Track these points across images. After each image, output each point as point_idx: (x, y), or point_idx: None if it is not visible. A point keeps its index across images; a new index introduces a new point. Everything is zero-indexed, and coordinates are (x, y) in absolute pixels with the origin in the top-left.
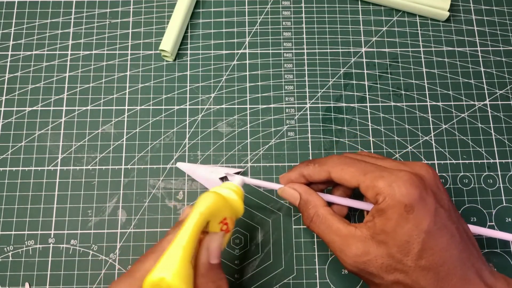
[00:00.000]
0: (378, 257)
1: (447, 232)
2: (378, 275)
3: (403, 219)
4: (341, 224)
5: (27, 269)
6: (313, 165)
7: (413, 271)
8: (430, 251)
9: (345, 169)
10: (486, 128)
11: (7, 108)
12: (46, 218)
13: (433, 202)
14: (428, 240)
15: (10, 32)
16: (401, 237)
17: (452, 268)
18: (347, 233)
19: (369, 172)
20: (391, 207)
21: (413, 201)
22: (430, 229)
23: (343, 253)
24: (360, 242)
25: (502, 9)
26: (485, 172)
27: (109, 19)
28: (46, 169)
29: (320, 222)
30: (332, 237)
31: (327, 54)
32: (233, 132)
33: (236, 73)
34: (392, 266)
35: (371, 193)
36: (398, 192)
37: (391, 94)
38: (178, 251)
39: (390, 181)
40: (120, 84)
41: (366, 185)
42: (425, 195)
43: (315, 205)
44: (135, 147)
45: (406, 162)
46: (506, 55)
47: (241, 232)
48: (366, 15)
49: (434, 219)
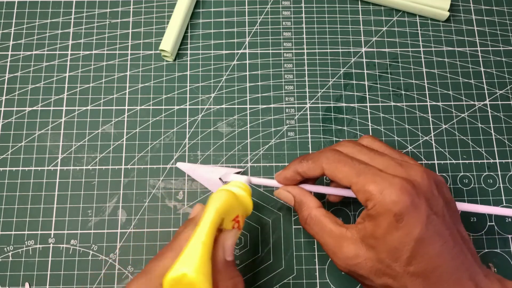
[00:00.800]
0: (368, 261)
1: (440, 239)
2: (368, 278)
3: (392, 227)
4: (334, 226)
5: (27, 269)
6: (307, 162)
7: (402, 276)
8: (420, 258)
9: (339, 168)
10: (486, 128)
11: (7, 108)
12: (46, 218)
13: (425, 209)
14: (418, 248)
15: (10, 32)
16: (390, 244)
17: (444, 274)
18: (338, 234)
19: (362, 174)
20: (381, 214)
21: (404, 209)
22: (420, 237)
23: (335, 255)
24: (351, 245)
25: (502, 9)
26: (485, 172)
27: (109, 19)
28: (46, 169)
29: (313, 223)
30: (325, 239)
31: (327, 54)
32: (233, 132)
33: (236, 73)
34: (381, 270)
35: (362, 197)
36: (388, 200)
37: (391, 94)
38: (198, 247)
39: (381, 187)
40: (120, 84)
41: (357, 188)
42: (417, 202)
43: (308, 207)
44: (135, 147)
45: (403, 162)
46: (506, 55)
47: (241, 232)
48: (366, 15)
49: (426, 226)
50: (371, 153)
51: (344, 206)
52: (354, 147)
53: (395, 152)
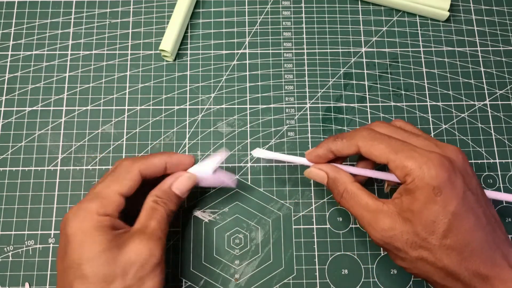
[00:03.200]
0: (404, 233)
1: (474, 214)
2: (403, 250)
3: (430, 200)
4: (370, 199)
5: (27, 269)
6: (341, 140)
7: (437, 249)
8: (455, 232)
9: (375, 145)
10: (486, 128)
11: (7, 108)
12: (46, 218)
13: (462, 185)
14: (454, 221)
15: (10, 32)
16: (427, 217)
17: (476, 249)
18: (375, 207)
19: (400, 151)
20: (420, 188)
21: (442, 183)
22: (457, 211)
23: (371, 227)
24: (387, 218)
25: (502, 9)
26: (485, 172)
27: (109, 19)
28: (46, 169)
29: (349, 197)
30: (361, 212)
31: (327, 54)
32: (233, 132)
33: (236, 73)
34: (417, 243)
35: (400, 173)
36: (427, 175)
37: (391, 94)
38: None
39: (420, 162)
40: (120, 84)
41: (395, 164)
42: (454, 178)
43: (343, 182)
44: (135, 147)
45: (438, 142)
46: (506, 55)
47: (241, 232)
48: (366, 15)
49: (462, 201)
50: (405, 134)
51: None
52: (388, 127)
53: (426, 135)
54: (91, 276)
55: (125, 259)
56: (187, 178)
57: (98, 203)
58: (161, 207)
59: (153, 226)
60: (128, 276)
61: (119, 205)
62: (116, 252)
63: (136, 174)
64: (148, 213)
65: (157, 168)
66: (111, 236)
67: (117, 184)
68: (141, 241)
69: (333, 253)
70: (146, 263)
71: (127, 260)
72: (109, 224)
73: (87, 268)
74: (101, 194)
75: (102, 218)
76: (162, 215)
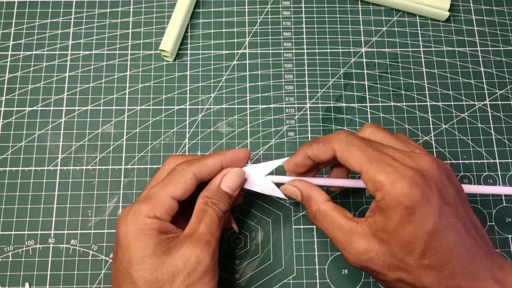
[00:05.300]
0: (380, 255)
1: (453, 230)
2: (381, 273)
3: (404, 220)
4: (343, 220)
5: (27, 269)
6: (317, 145)
7: (416, 270)
8: (433, 251)
9: (351, 152)
10: (486, 128)
11: (7, 108)
12: (46, 218)
13: (438, 201)
14: (431, 241)
15: (10, 32)
16: (403, 238)
17: (457, 265)
18: (348, 228)
19: (374, 162)
20: (392, 207)
21: (415, 202)
22: (433, 229)
23: (346, 250)
24: (362, 239)
25: (502, 9)
26: (485, 172)
27: (109, 19)
28: (46, 169)
29: (322, 218)
30: (335, 234)
31: (327, 54)
32: (233, 132)
33: (236, 73)
34: (394, 264)
35: (372, 187)
36: (400, 192)
37: (391, 94)
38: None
39: (392, 179)
40: (120, 84)
41: (368, 176)
42: (429, 194)
43: (316, 201)
44: (135, 147)
45: (411, 152)
46: (506, 55)
47: (241, 232)
48: (366, 15)
49: (439, 219)
50: (389, 139)
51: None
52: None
53: (400, 142)
54: (139, 281)
55: (172, 266)
56: (236, 173)
57: (148, 205)
58: (211, 208)
59: (202, 230)
60: (176, 283)
61: (170, 208)
62: (163, 258)
63: (190, 178)
64: (197, 216)
65: (212, 169)
66: (158, 240)
67: (170, 187)
68: (188, 246)
69: (333, 253)
70: (193, 270)
71: (175, 266)
72: (158, 227)
73: (135, 273)
74: (152, 196)
75: (150, 220)
76: (212, 217)
